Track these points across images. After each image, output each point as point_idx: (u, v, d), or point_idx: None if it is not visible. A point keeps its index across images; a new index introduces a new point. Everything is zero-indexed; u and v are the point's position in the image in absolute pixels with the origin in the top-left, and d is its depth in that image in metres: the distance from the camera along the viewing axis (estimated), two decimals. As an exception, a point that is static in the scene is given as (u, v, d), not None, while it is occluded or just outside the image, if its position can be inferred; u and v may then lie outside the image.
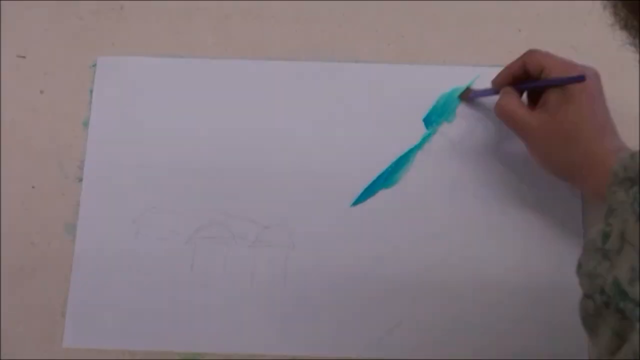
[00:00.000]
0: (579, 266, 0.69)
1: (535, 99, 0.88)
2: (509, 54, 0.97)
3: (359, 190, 0.92)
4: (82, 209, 0.91)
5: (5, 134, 0.94)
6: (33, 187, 0.92)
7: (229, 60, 0.97)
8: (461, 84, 0.96)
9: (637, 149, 0.89)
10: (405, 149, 0.94)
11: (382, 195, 0.92)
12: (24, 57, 0.97)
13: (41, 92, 0.96)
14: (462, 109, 0.95)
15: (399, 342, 0.86)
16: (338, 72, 0.97)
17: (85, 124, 0.95)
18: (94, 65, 0.97)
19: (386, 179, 0.93)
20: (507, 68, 0.90)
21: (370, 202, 0.92)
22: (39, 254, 0.90)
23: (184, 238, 0.90)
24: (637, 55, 0.68)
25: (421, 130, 0.94)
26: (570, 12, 0.99)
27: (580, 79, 0.84)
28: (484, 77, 0.95)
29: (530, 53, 0.88)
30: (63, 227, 0.91)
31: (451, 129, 0.94)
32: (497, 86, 0.90)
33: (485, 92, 0.93)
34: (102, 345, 0.87)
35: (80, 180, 0.93)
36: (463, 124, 0.95)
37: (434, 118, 0.95)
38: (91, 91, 0.96)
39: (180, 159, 0.93)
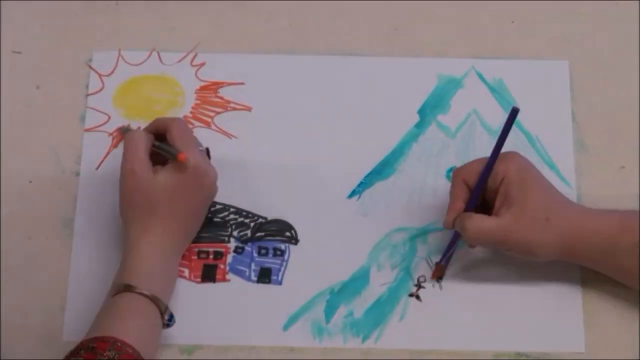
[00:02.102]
0: None
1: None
2: (502, 45, 0.98)
3: (356, 182, 0.93)
4: (80, 202, 0.92)
5: (1, 129, 0.94)
6: (30, 181, 0.93)
7: (223, 54, 0.98)
8: (455, 75, 0.96)
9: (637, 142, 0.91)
10: (400, 141, 0.94)
11: (378, 186, 0.93)
12: (20, 52, 0.98)
13: (37, 87, 0.96)
14: (456, 100, 0.96)
15: (405, 330, 0.87)
16: (332, 65, 0.98)
17: (82, 118, 0.95)
18: (90, 60, 0.97)
19: (381, 170, 0.93)
20: (452, 202, 0.85)
21: (367, 194, 0.92)
22: (37, 248, 0.90)
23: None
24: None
25: (416, 121, 0.95)
26: (562, 2, 0.99)
27: (515, 111, 0.80)
28: (477, 69, 0.97)
29: (457, 171, 0.86)
30: (60, 221, 0.91)
31: (445, 119, 0.95)
32: (451, 222, 0.86)
33: (450, 246, 0.88)
34: (101, 338, 0.88)
35: (77, 174, 0.93)
36: (457, 115, 0.95)
37: (429, 109, 0.96)
38: (87, 86, 0.96)
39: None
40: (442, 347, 0.87)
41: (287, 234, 0.91)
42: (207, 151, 0.89)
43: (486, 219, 0.83)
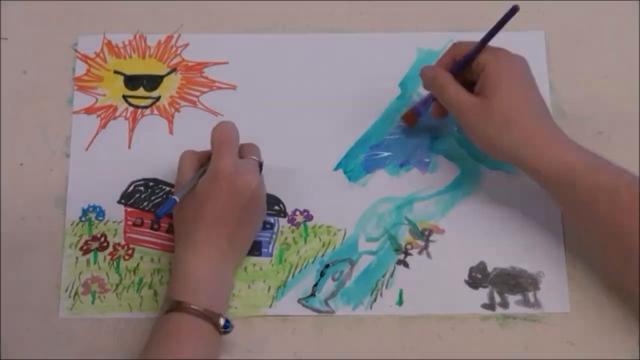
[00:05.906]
0: None
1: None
2: (480, 19, 0.99)
3: (341, 154, 0.95)
4: (71, 182, 0.93)
5: (-10, 115, 0.96)
6: (21, 164, 0.94)
7: (206, 34, 0.99)
8: (434, 48, 0.98)
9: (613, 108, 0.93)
10: (383, 113, 0.96)
11: (363, 158, 0.95)
12: (6, 39, 0.99)
13: (24, 72, 0.97)
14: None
15: (395, 297, 0.89)
16: (313, 43, 0.99)
17: (69, 101, 0.96)
18: (76, 44, 0.99)
19: (366, 142, 0.95)
20: (440, 59, 0.90)
21: (352, 166, 0.94)
22: (31, 229, 0.91)
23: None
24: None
25: (397, 94, 0.97)
26: (539, -24, 1.01)
27: (515, 9, 0.82)
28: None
29: (456, 45, 0.89)
30: (53, 201, 0.92)
31: (426, 92, 0.97)
32: (431, 74, 0.89)
33: (427, 101, 0.93)
34: (97, 314, 0.89)
35: (68, 155, 0.94)
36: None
37: (410, 82, 0.97)
38: (73, 69, 0.98)
39: (163, 131, 0.96)
40: (431, 312, 0.89)
41: (276, 207, 0.92)
42: (260, 165, 0.89)
43: (463, 92, 0.86)
